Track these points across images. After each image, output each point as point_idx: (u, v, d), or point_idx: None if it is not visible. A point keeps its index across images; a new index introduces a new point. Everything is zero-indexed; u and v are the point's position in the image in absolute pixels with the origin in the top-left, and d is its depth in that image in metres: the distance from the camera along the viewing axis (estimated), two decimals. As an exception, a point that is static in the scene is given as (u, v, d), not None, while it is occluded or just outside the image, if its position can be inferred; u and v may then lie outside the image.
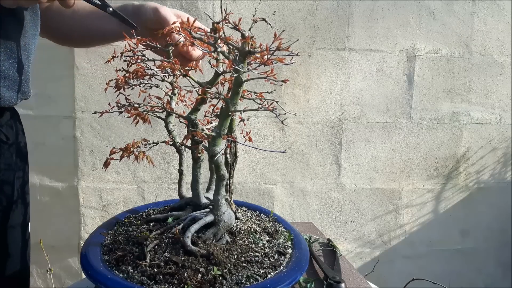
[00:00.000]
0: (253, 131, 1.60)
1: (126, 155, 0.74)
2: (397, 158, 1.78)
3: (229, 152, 0.78)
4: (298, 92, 1.67)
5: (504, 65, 1.78)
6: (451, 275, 1.91)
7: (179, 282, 0.62)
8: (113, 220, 0.84)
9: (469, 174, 1.85)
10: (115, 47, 0.83)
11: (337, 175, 1.75)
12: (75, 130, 1.60)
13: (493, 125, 1.82)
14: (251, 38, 0.62)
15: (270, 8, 1.59)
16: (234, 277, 0.64)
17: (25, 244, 0.82)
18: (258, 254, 0.71)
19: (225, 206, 0.74)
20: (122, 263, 0.67)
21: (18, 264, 0.80)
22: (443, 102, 1.77)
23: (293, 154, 1.71)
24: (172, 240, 0.71)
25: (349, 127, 1.73)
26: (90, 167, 1.63)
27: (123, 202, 1.67)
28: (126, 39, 0.73)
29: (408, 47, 1.71)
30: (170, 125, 0.80)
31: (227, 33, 0.64)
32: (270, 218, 0.89)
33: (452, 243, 1.89)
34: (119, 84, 0.74)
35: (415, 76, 1.73)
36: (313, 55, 1.66)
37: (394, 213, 1.82)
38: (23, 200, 0.80)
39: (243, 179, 1.71)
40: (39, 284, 1.70)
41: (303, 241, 0.80)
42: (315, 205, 1.77)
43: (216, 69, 0.71)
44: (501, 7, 1.73)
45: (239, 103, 0.67)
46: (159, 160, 1.64)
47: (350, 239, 1.82)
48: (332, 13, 1.64)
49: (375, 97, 1.72)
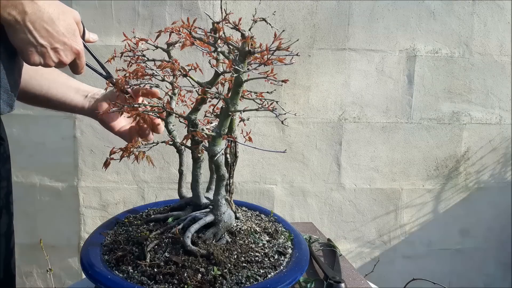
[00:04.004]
0: (253, 131, 1.60)
1: (126, 155, 0.75)
2: (397, 158, 1.78)
3: (229, 152, 0.78)
4: (298, 92, 1.67)
5: (504, 65, 1.78)
6: (451, 275, 1.91)
7: (179, 282, 0.62)
8: (113, 220, 0.84)
9: (469, 174, 1.85)
10: (115, 47, 0.83)
11: (337, 175, 1.75)
12: (75, 130, 1.60)
13: (493, 125, 1.82)
14: (251, 38, 0.62)
15: (270, 8, 1.59)
16: (234, 277, 0.64)
17: (9, 253, 0.82)
18: (258, 254, 0.71)
19: (225, 206, 0.74)
20: (122, 263, 0.67)
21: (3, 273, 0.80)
22: (443, 102, 1.77)
23: (293, 154, 1.71)
24: (172, 240, 0.71)
25: (349, 127, 1.73)
26: (90, 167, 1.63)
27: (123, 202, 1.67)
28: (126, 39, 0.73)
29: (408, 47, 1.71)
30: (170, 125, 0.80)
31: (227, 33, 0.64)
32: (270, 218, 0.89)
33: (452, 243, 1.89)
34: (119, 84, 0.74)
35: (415, 76, 1.73)
36: (313, 55, 1.66)
37: (394, 213, 1.82)
38: (8, 210, 0.81)
39: (243, 179, 1.71)
40: (39, 284, 1.70)
41: (303, 241, 0.80)
42: (315, 205, 1.77)
43: (216, 69, 0.71)
44: (501, 7, 1.73)
45: (239, 103, 0.67)
46: (159, 160, 1.64)
47: (350, 239, 1.82)
48: (332, 13, 1.64)
49: (375, 97, 1.72)
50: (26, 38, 0.62)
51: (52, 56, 0.65)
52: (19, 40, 0.62)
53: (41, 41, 0.63)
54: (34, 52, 0.63)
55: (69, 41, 0.66)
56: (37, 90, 0.86)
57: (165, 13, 1.56)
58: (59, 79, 0.89)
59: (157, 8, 1.55)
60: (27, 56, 0.64)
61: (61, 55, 0.66)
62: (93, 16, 1.54)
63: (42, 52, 0.64)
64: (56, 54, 0.65)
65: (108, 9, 1.54)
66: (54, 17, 0.63)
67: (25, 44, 0.62)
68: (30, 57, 0.64)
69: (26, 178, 1.62)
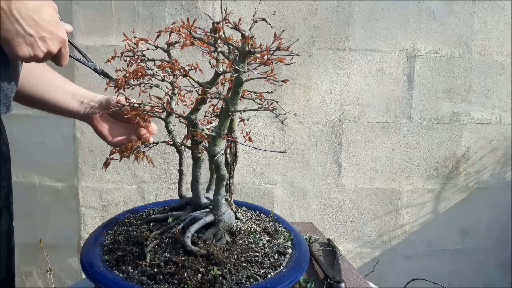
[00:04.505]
0: (253, 131, 1.60)
1: (126, 155, 0.75)
2: (397, 158, 1.78)
3: (229, 152, 0.78)
4: (298, 92, 1.67)
5: (504, 65, 1.78)
6: (451, 275, 1.91)
7: (179, 282, 0.62)
8: (113, 220, 0.84)
9: (469, 174, 1.85)
10: (115, 47, 0.83)
11: (337, 175, 1.75)
12: (75, 130, 1.60)
13: (493, 125, 1.82)
14: (251, 38, 0.62)
15: (270, 8, 1.59)
16: (234, 277, 0.64)
17: (10, 253, 0.82)
18: (258, 254, 0.71)
19: (225, 206, 0.74)
20: (122, 263, 0.67)
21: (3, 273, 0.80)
22: (443, 102, 1.77)
23: (293, 154, 1.71)
24: (172, 240, 0.71)
25: (349, 127, 1.73)
26: (90, 167, 1.63)
27: (123, 202, 1.67)
28: (126, 39, 0.73)
29: (408, 47, 1.71)
30: (170, 125, 0.80)
31: (227, 33, 0.64)
32: (270, 218, 0.89)
33: (452, 243, 1.89)
34: (119, 84, 0.74)
35: (415, 76, 1.73)
36: (313, 55, 1.66)
37: (394, 213, 1.82)
38: (8, 209, 0.81)
39: (243, 179, 1.71)
40: (39, 284, 1.70)
41: (303, 241, 0.80)
42: (315, 205, 1.77)
43: (216, 69, 0.71)
44: (501, 7, 1.73)
45: (239, 103, 0.67)
46: (159, 160, 1.64)
47: (350, 239, 1.82)
48: (332, 13, 1.64)
49: (375, 97, 1.72)
50: (13, 28, 0.59)
51: (40, 45, 0.63)
52: (6, 30, 0.59)
53: (28, 30, 0.61)
54: (23, 43, 0.61)
55: (55, 30, 0.64)
56: (34, 93, 0.86)
57: (165, 13, 1.56)
58: (55, 82, 0.88)
59: (157, 8, 1.55)
60: (15, 48, 0.61)
61: (48, 44, 0.64)
62: (93, 16, 1.54)
63: (30, 42, 0.62)
64: (44, 43, 0.63)
65: (108, 9, 1.54)
66: (38, 5, 0.62)
67: (13, 35, 0.60)
68: (18, 48, 0.61)
69: (26, 178, 1.62)
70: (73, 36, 1.52)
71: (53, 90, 0.87)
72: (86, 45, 1.55)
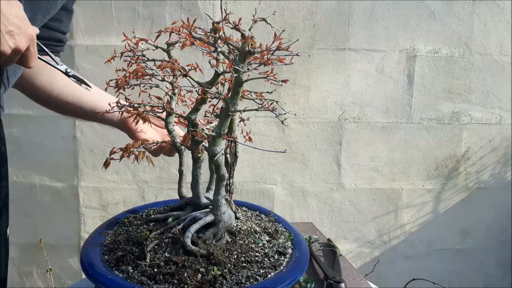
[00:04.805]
0: (253, 131, 1.60)
1: (126, 155, 0.74)
2: (397, 158, 1.78)
3: (229, 152, 0.78)
4: (298, 92, 1.67)
5: (504, 65, 1.78)
6: (451, 275, 1.91)
7: (179, 282, 0.62)
8: (113, 220, 0.84)
9: (469, 174, 1.85)
10: (115, 47, 0.83)
11: (337, 175, 1.75)
12: (75, 130, 1.60)
13: (493, 125, 1.82)
14: (251, 38, 0.62)
15: (270, 8, 1.59)
16: (234, 277, 0.64)
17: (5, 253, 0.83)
18: (258, 254, 0.71)
19: (225, 206, 0.74)
20: (122, 263, 0.67)
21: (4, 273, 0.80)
22: (443, 102, 1.77)
23: (293, 154, 1.71)
24: (172, 240, 0.71)
25: (349, 127, 1.73)
26: (90, 167, 1.63)
27: (123, 202, 1.67)
28: (126, 39, 0.73)
29: (408, 47, 1.71)
30: (170, 125, 0.80)
31: (227, 33, 0.64)
32: (270, 218, 0.89)
33: (452, 243, 1.89)
34: (119, 84, 0.74)
35: (415, 76, 1.73)
36: (313, 55, 1.66)
37: (394, 213, 1.82)
38: (6, 209, 0.81)
39: (243, 179, 1.71)
40: (39, 284, 1.70)
41: (303, 241, 0.80)
42: (315, 205, 1.77)
43: (216, 69, 0.71)
44: (501, 7, 1.73)
45: (239, 103, 0.67)
46: (159, 160, 1.64)
47: (350, 239, 1.82)
48: (332, 13, 1.64)
49: (375, 97, 1.72)
50: None
51: (8, 40, 0.59)
52: None
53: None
54: None
55: (23, 25, 0.60)
56: (70, 98, 0.87)
57: (165, 13, 1.56)
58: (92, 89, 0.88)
59: (157, 8, 1.55)
60: None
61: (16, 39, 0.60)
62: (93, 16, 1.54)
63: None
64: (11, 38, 0.59)
65: (108, 9, 1.54)
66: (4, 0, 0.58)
67: None
68: None
69: (26, 178, 1.62)
70: (73, 36, 1.53)
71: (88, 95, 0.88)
72: (86, 45, 1.55)
